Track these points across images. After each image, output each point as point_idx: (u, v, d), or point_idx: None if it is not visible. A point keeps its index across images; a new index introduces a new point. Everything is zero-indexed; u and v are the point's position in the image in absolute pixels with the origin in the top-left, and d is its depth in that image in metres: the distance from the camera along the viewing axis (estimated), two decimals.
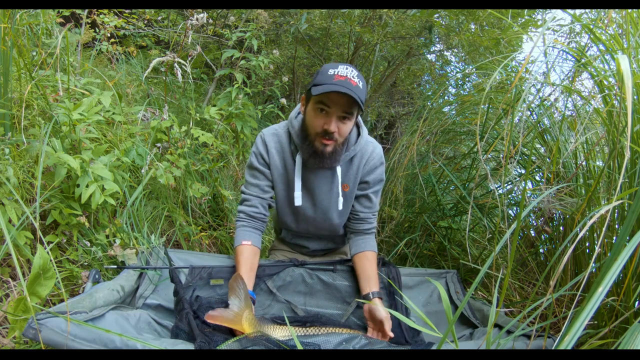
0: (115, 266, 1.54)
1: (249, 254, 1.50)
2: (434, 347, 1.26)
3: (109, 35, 2.91)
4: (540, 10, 2.98)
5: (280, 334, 1.31)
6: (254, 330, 1.26)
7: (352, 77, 1.33)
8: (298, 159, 1.50)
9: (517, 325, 1.26)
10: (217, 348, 1.13)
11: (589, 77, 1.72)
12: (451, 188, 2.62)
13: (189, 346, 1.14)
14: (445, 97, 3.23)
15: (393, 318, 1.46)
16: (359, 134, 1.56)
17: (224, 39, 2.92)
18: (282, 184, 1.58)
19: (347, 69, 1.34)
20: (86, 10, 2.83)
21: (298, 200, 1.53)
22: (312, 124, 1.40)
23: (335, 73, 1.32)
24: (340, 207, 1.56)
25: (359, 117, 1.55)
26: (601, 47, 1.54)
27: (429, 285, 1.75)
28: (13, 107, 1.69)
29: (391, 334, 1.38)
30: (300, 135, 1.47)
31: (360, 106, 1.34)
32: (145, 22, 3.42)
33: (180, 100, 2.97)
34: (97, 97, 1.77)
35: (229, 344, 1.14)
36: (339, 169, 1.51)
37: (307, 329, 1.41)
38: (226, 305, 1.29)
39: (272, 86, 3.02)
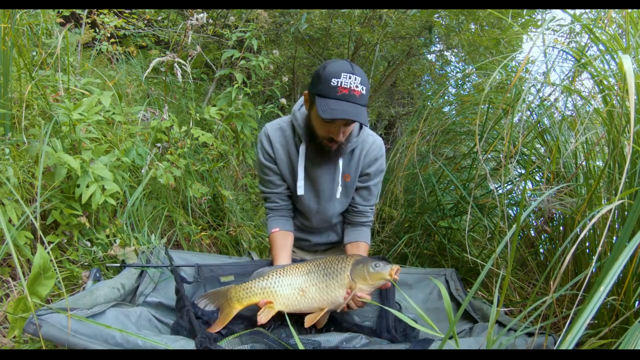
0: (117, 264, 1.54)
1: (279, 238, 1.61)
2: (436, 346, 1.26)
3: (109, 35, 2.91)
4: (540, 10, 2.98)
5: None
6: (241, 303, 1.32)
7: (356, 86, 1.31)
8: (301, 149, 1.53)
9: (518, 324, 1.27)
10: (218, 344, 1.13)
11: (589, 77, 1.72)
12: (451, 188, 2.62)
13: (190, 342, 1.14)
14: (445, 97, 3.23)
15: (385, 315, 1.51)
16: (360, 127, 1.58)
17: (224, 39, 2.92)
18: (289, 174, 1.62)
19: (350, 77, 1.30)
20: (86, 10, 2.83)
21: (300, 190, 1.57)
22: (318, 130, 1.43)
23: (339, 85, 1.30)
24: (338, 195, 1.60)
25: None
26: (601, 47, 1.54)
27: (429, 283, 1.75)
28: (13, 107, 1.69)
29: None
30: (306, 134, 1.49)
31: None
32: (145, 22, 3.42)
33: (180, 100, 2.97)
34: (97, 97, 1.77)
35: (230, 340, 1.15)
36: (340, 160, 1.55)
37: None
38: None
39: (272, 86, 3.02)
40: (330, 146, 1.45)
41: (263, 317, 1.29)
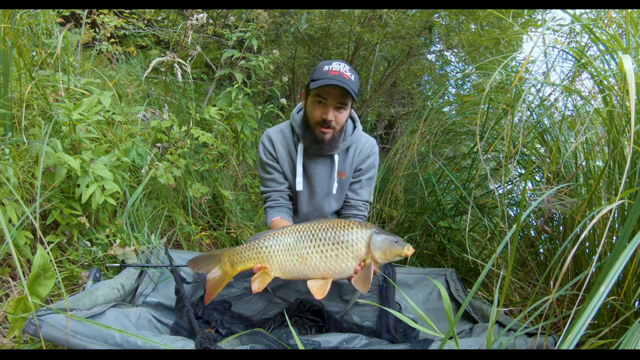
0: (117, 264, 1.55)
1: (280, 223, 1.62)
2: (436, 346, 1.26)
3: (109, 35, 2.90)
4: (540, 10, 2.98)
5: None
6: (235, 268, 1.25)
7: (345, 71, 1.47)
8: (300, 147, 1.62)
9: (518, 324, 1.26)
10: (218, 344, 1.13)
11: (589, 77, 1.72)
12: (451, 188, 2.62)
13: (189, 342, 1.14)
14: (445, 97, 3.22)
15: (385, 315, 1.53)
16: (354, 127, 1.70)
17: (224, 39, 2.92)
18: (289, 172, 1.69)
19: (339, 64, 1.49)
20: (86, 10, 2.83)
21: (299, 186, 1.64)
22: (311, 115, 1.54)
23: (330, 69, 1.47)
24: (334, 191, 1.67)
25: (354, 112, 1.72)
26: (601, 47, 1.53)
27: (429, 283, 1.76)
28: (13, 107, 1.69)
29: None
30: (302, 126, 1.61)
31: (353, 97, 1.48)
32: (145, 22, 3.42)
33: (180, 100, 2.97)
34: (97, 97, 1.77)
35: (230, 340, 1.15)
36: (336, 157, 1.64)
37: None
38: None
39: (272, 86, 3.02)
40: (323, 132, 1.54)
41: (257, 285, 1.20)
